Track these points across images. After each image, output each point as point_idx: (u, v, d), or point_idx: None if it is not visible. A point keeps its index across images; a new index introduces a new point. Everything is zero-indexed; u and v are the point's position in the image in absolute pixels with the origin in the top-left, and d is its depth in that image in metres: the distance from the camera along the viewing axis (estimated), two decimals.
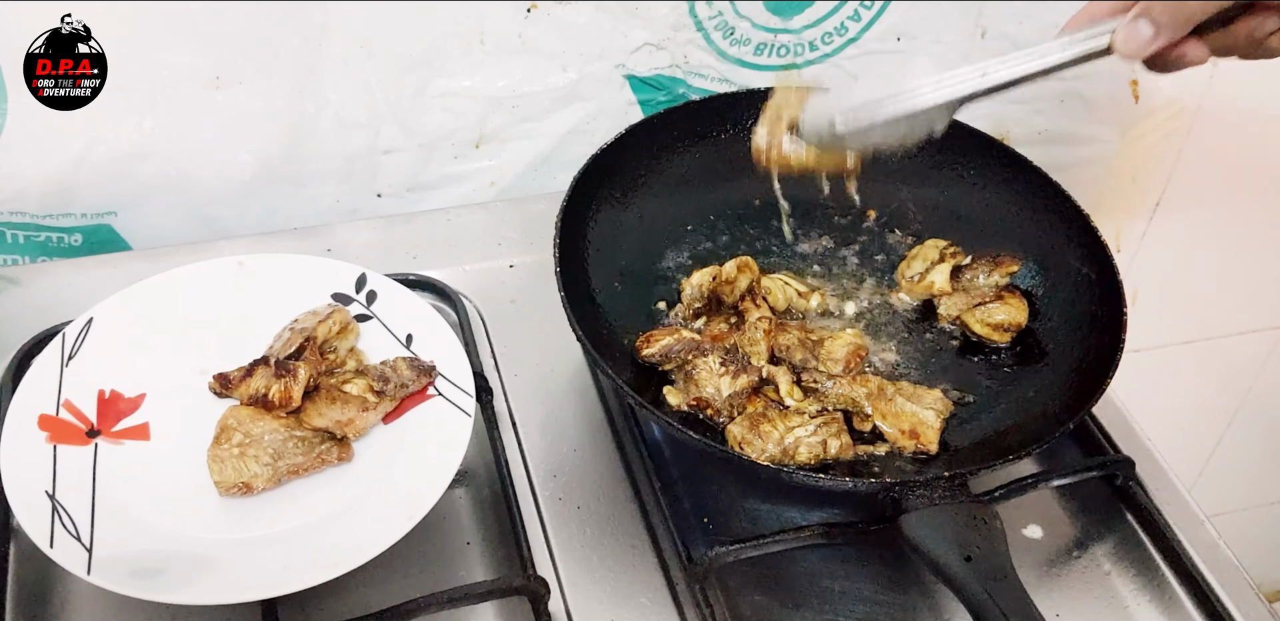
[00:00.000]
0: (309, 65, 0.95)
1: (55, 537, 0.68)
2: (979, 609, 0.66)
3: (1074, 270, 0.88)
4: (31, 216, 0.98)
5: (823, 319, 0.90)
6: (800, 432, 0.78)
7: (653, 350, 0.82)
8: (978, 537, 0.69)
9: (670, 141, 0.93)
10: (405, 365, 0.79)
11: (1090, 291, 0.86)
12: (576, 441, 0.85)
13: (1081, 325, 0.85)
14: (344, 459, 0.76)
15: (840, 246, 0.95)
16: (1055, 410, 0.80)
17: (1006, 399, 0.84)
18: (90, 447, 0.75)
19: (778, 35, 1.05)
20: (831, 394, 0.81)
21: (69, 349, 0.79)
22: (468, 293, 0.94)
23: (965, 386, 0.86)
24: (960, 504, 0.71)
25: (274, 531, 0.72)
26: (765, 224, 0.95)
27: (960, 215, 0.95)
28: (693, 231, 0.94)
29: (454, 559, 0.77)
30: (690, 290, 0.87)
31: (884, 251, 0.95)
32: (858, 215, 0.97)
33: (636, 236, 0.91)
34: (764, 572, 0.78)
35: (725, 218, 0.95)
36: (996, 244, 0.92)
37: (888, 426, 0.81)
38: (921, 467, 0.79)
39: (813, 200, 0.95)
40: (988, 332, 0.87)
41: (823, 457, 0.78)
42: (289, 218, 1.04)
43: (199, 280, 0.85)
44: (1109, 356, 0.79)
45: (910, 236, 0.95)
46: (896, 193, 0.96)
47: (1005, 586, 0.67)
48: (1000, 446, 0.79)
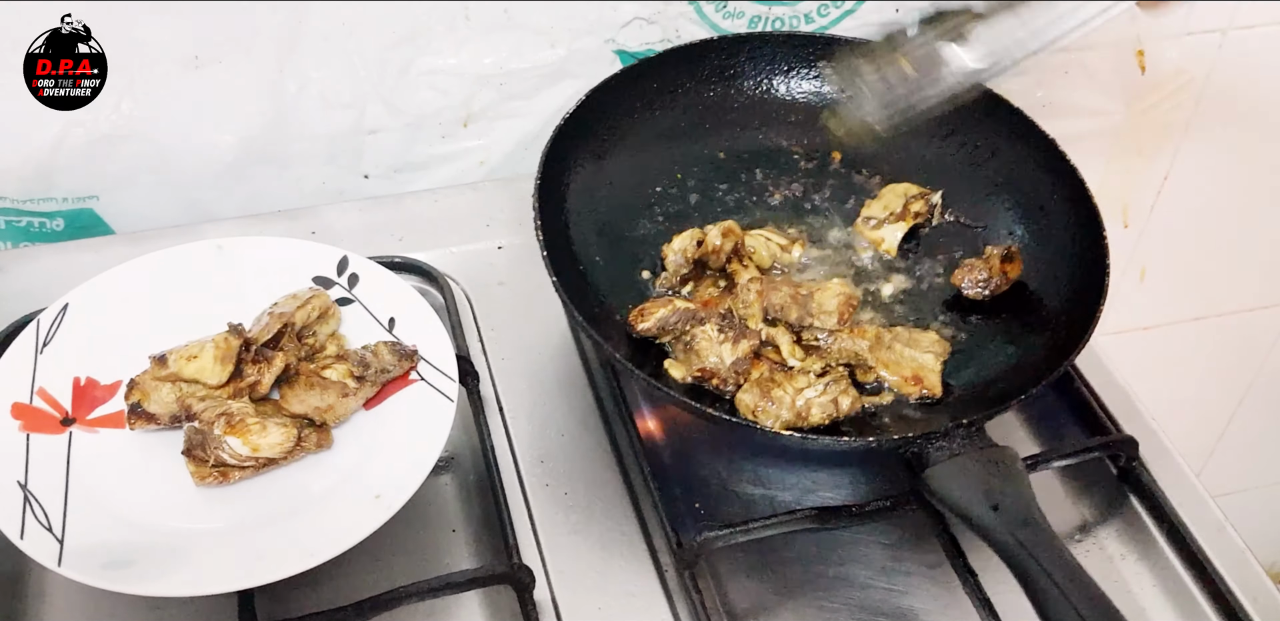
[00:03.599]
0: (289, 43, 0.93)
1: (26, 528, 0.67)
2: (1012, 557, 0.66)
3: (1046, 196, 0.88)
4: (12, 201, 0.96)
5: (807, 269, 0.89)
6: (810, 393, 0.76)
7: (648, 324, 0.80)
8: (1002, 484, 0.69)
9: (628, 104, 0.92)
10: (387, 350, 0.78)
11: (1066, 216, 0.86)
12: (564, 426, 0.84)
13: (1064, 254, 0.85)
14: (323, 446, 0.74)
15: (810, 192, 0.94)
16: (1052, 345, 0.79)
17: (999, 337, 0.84)
18: (64, 436, 0.74)
19: (772, 7, 1.03)
20: (833, 349, 0.80)
21: (43, 336, 0.78)
22: (455, 275, 0.92)
23: (955, 324, 0.85)
24: (981, 450, 0.71)
25: (251, 520, 0.71)
26: (734, 177, 0.94)
27: (922, 151, 0.94)
28: (662, 194, 0.92)
29: (439, 547, 0.76)
30: (674, 257, 0.85)
31: (854, 194, 0.94)
32: (823, 159, 0.95)
33: (609, 206, 0.89)
34: (755, 558, 0.77)
35: (692, 176, 0.94)
36: (964, 178, 0.92)
37: (890, 375, 0.80)
38: (927, 413, 0.79)
39: (776, 147, 0.95)
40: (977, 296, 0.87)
41: (835, 416, 0.76)
42: (274, 200, 1.02)
43: (177, 264, 0.83)
44: (1097, 285, 0.79)
45: (877, 175, 0.94)
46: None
47: (1034, 531, 0.67)
48: (1002, 387, 0.78)
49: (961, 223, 0.91)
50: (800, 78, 0.96)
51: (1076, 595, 0.63)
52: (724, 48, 0.95)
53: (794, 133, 0.96)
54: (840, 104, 0.83)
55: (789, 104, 0.96)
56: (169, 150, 0.96)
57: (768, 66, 0.96)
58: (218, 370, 0.74)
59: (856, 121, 0.82)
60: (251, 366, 0.75)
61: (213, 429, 0.71)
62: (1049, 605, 0.64)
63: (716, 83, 0.95)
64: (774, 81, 0.96)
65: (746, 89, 0.96)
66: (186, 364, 0.73)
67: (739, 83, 0.96)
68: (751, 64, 0.95)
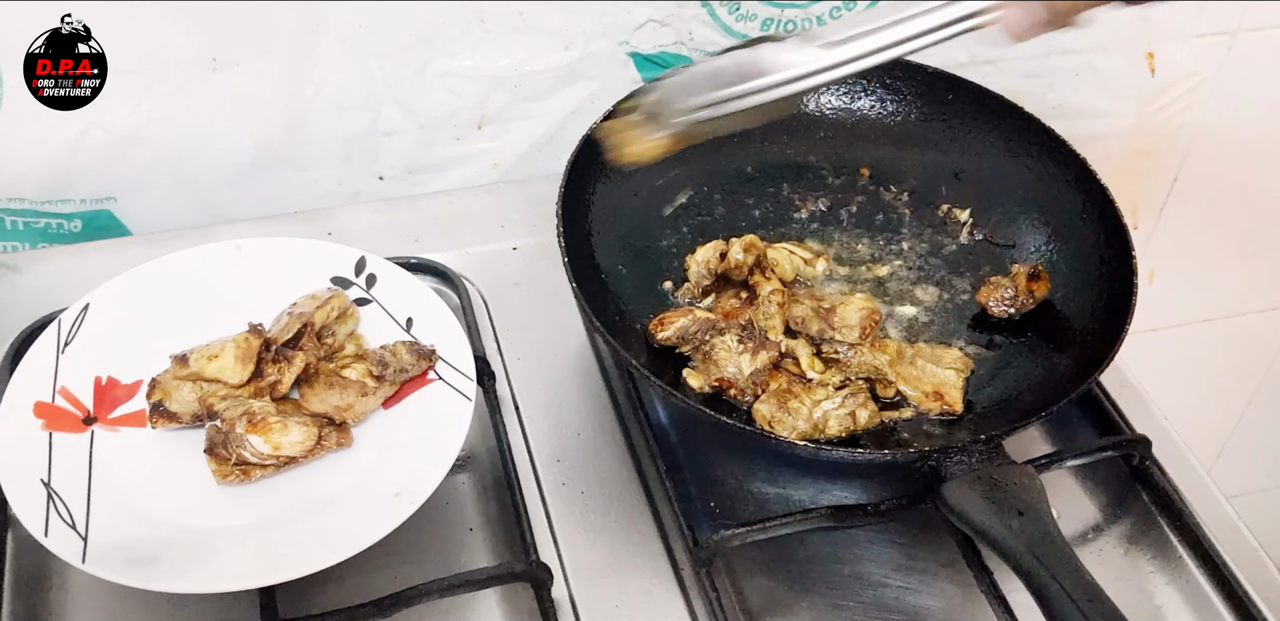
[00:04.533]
0: (306, 46, 0.94)
1: (50, 526, 0.67)
2: (1029, 573, 0.65)
3: (1076, 215, 0.87)
4: (30, 202, 0.97)
5: (831, 283, 0.89)
6: (828, 405, 0.77)
7: (668, 333, 0.81)
8: (1019, 501, 0.68)
9: None
10: (405, 349, 0.78)
11: (1096, 236, 0.85)
12: (580, 425, 0.84)
13: (1092, 275, 0.84)
14: (343, 444, 0.75)
15: (837, 207, 0.94)
16: (1075, 363, 0.79)
17: (1023, 355, 0.83)
18: (86, 435, 0.75)
19: (785, 10, 1.03)
20: (853, 363, 0.80)
21: (64, 335, 0.78)
22: (470, 276, 0.93)
23: (980, 342, 0.85)
24: (999, 467, 0.70)
25: (272, 518, 0.71)
26: (760, 192, 0.94)
27: (953, 168, 0.94)
28: (688, 205, 0.92)
29: (456, 545, 0.76)
30: (696, 268, 0.85)
31: (881, 210, 0.94)
32: (852, 175, 0.95)
33: (634, 216, 0.90)
34: (771, 556, 0.77)
35: (719, 189, 0.94)
36: (994, 195, 0.92)
37: (911, 390, 0.80)
38: (948, 430, 0.78)
39: (804, 162, 0.95)
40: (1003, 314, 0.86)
41: (852, 429, 0.77)
42: (290, 201, 1.03)
43: (196, 265, 0.83)
44: (1124, 304, 0.78)
45: (906, 192, 0.94)
46: (888, 148, 0.95)
47: (1052, 548, 0.66)
48: (1024, 404, 0.78)
49: (990, 241, 0.91)
50: (830, 94, 0.96)
51: (1094, 613, 0.62)
52: None
53: (823, 148, 0.96)
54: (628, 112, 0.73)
55: (818, 120, 0.96)
56: (186, 152, 0.97)
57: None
58: (239, 369, 0.74)
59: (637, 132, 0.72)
60: (272, 366, 0.76)
61: (234, 428, 0.71)
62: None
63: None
64: (803, 97, 0.95)
65: None
66: (208, 363, 0.74)
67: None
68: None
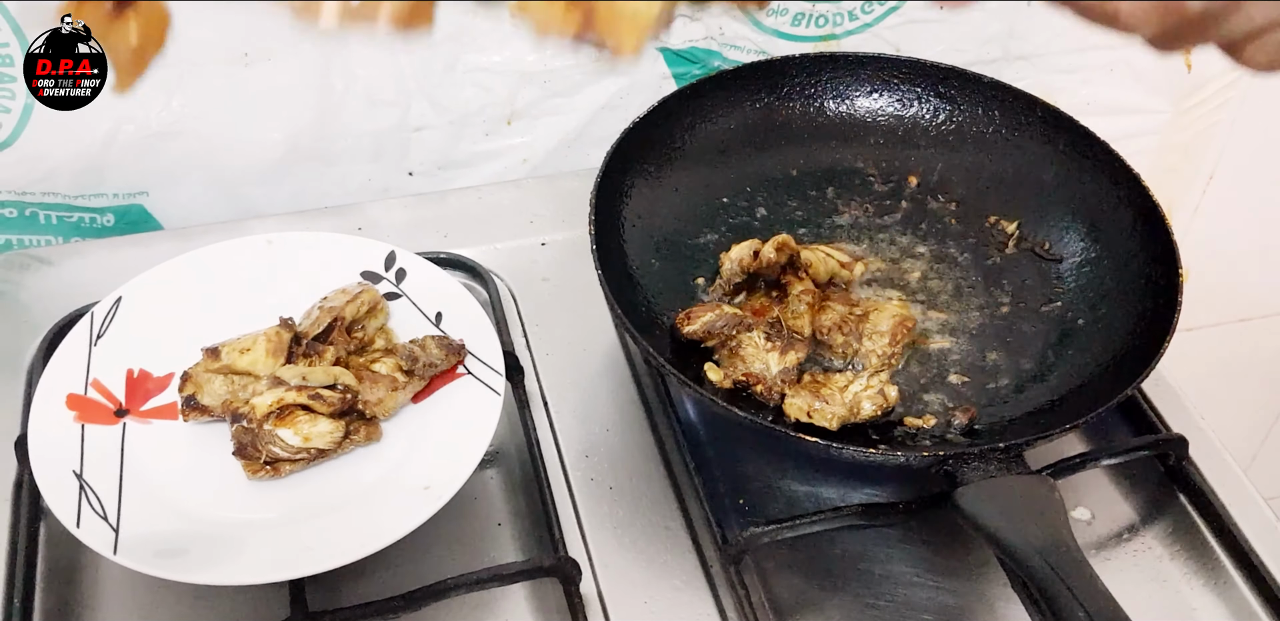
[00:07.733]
0: (337, 41, 0.94)
1: (82, 517, 0.68)
2: (1041, 582, 0.63)
3: (1125, 231, 0.85)
4: (63, 197, 0.98)
5: (867, 288, 0.88)
6: (856, 388, 0.76)
7: (694, 327, 0.80)
8: (1036, 511, 0.67)
9: (704, 112, 0.91)
10: (434, 344, 0.78)
11: (1145, 254, 0.83)
12: (609, 421, 0.84)
13: (1135, 294, 0.83)
14: (372, 438, 0.75)
15: (881, 214, 0.92)
16: (1110, 378, 0.77)
17: (1061, 367, 0.82)
18: (118, 427, 0.75)
19: (816, 4, 1.03)
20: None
21: (97, 328, 0.79)
22: (499, 271, 0.93)
23: (1019, 353, 0.83)
24: (1017, 476, 0.69)
25: (302, 511, 0.71)
26: (803, 195, 0.93)
27: (1004, 179, 0.92)
28: (729, 204, 0.92)
29: (485, 540, 0.76)
30: (729, 265, 0.84)
31: (926, 219, 0.92)
32: (899, 182, 0.94)
33: (672, 211, 0.89)
34: (801, 554, 0.77)
35: (762, 190, 0.93)
36: (1044, 208, 0.90)
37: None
38: (973, 440, 0.77)
39: (851, 167, 0.94)
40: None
41: (885, 406, 0.76)
42: (320, 196, 1.03)
43: (227, 258, 0.84)
44: (1163, 327, 0.76)
45: (953, 202, 0.93)
46: (938, 157, 0.94)
47: (1067, 559, 0.64)
48: (1054, 416, 0.77)
49: (1037, 253, 0.89)
50: (882, 99, 0.95)
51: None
52: (807, 66, 0.93)
53: (872, 154, 0.94)
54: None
55: (869, 125, 0.95)
56: (218, 147, 0.97)
57: (850, 87, 0.95)
58: (270, 363, 0.74)
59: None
60: (302, 360, 0.76)
61: (262, 425, 0.71)
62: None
63: (797, 100, 0.94)
64: (855, 102, 0.94)
65: (828, 108, 0.95)
66: (240, 357, 0.74)
67: (820, 102, 0.95)
68: (833, 83, 0.94)
